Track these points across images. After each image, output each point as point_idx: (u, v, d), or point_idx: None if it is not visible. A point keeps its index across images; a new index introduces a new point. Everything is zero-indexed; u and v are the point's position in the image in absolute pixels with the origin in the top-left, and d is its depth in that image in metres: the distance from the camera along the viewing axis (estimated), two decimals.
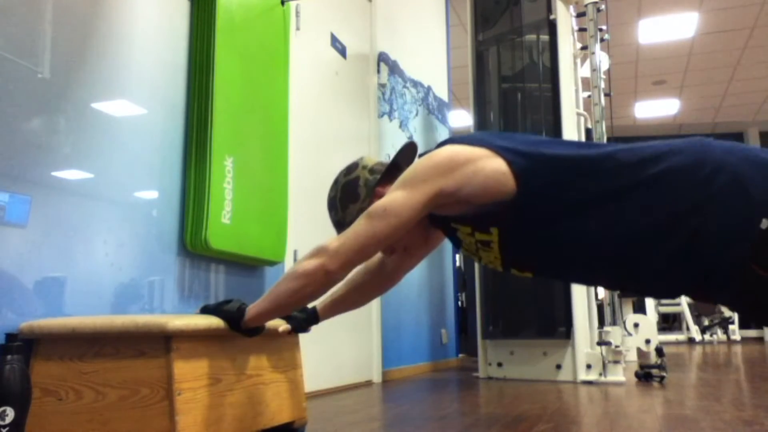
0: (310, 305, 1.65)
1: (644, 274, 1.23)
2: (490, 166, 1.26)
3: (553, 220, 1.25)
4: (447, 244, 5.04)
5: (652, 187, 1.19)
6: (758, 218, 1.12)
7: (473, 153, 1.28)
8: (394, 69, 4.06)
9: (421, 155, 1.37)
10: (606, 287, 1.34)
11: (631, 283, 1.27)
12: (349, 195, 1.45)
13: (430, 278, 4.52)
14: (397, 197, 1.28)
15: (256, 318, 1.40)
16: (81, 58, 1.65)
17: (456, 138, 1.35)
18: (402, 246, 1.47)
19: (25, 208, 1.45)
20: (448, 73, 5.31)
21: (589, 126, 3.87)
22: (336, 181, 1.49)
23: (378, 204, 1.29)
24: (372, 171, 1.45)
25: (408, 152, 1.50)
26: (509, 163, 1.25)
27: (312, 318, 1.66)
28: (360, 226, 1.29)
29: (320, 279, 1.32)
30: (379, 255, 1.60)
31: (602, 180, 1.22)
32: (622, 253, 1.22)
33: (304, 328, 1.65)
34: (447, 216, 1.35)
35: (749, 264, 1.13)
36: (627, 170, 1.22)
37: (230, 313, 1.42)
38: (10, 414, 1.21)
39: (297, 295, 1.34)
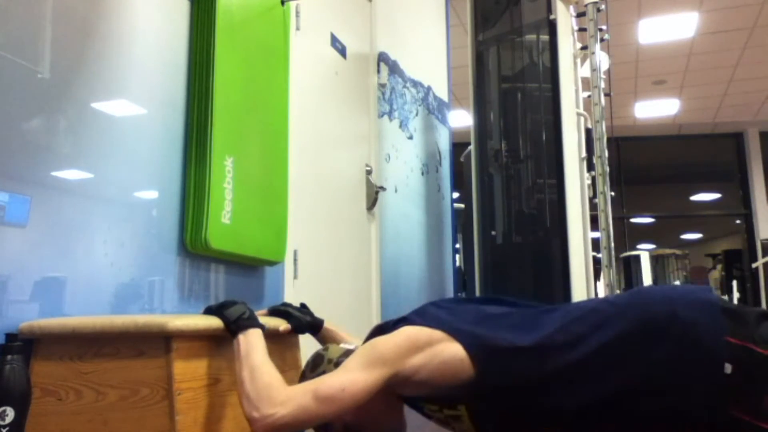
0: (319, 316, 1.66)
1: None
2: (448, 351, 1.27)
3: (517, 399, 1.27)
4: (447, 245, 5.04)
5: (608, 356, 1.21)
6: (720, 364, 1.13)
7: (431, 337, 1.29)
8: (394, 69, 4.06)
9: (379, 327, 1.38)
10: None
11: None
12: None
13: (430, 278, 4.52)
14: (355, 379, 1.24)
15: (236, 351, 1.38)
16: (81, 58, 1.65)
17: (412, 317, 1.35)
18: (374, 429, 1.41)
19: (25, 208, 1.45)
20: (448, 73, 5.31)
21: (589, 126, 3.87)
22: (303, 376, 1.45)
23: (333, 383, 1.25)
24: (337, 365, 1.40)
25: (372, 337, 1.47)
26: (466, 348, 1.26)
27: (314, 326, 1.66)
28: (309, 405, 1.23)
29: (246, 419, 1.28)
30: None
31: (557, 358, 1.24)
32: (594, 420, 1.24)
33: (305, 330, 1.65)
34: (408, 395, 1.35)
35: (730, 412, 1.14)
36: (579, 343, 1.23)
37: (228, 321, 1.42)
38: (10, 414, 1.21)
39: (238, 392, 1.31)
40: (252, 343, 1.38)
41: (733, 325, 1.16)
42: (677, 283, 8.33)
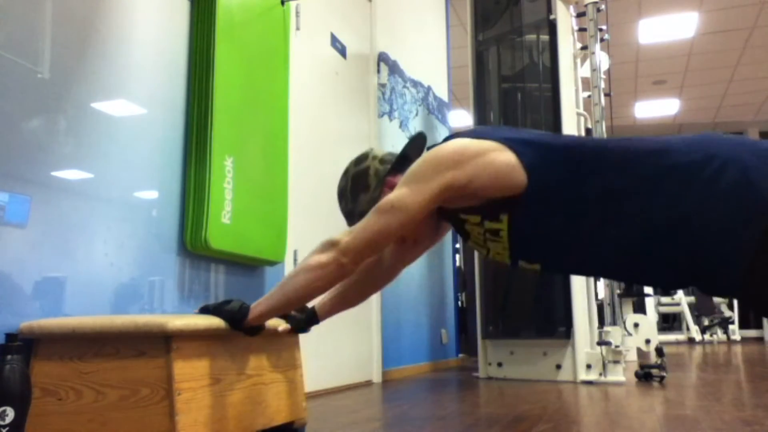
0: (309, 305, 1.65)
1: (654, 267, 1.22)
2: (500, 158, 1.25)
3: (564, 213, 1.25)
4: (446, 245, 5.04)
5: (661, 181, 1.19)
6: (764, 213, 1.11)
7: (482, 146, 1.28)
8: (394, 69, 4.06)
9: (429, 148, 1.37)
10: (615, 280, 1.34)
11: (641, 276, 1.26)
12: (360, 185, 1.45)
13: (430, 278, 4.52)
14: (404, 192, 1.27)
15: (263, 314, 1.39)
16: (81, 58, 1.65)
17: (463, 132, 1.34)
18: (413, 237, 1.46)
19: (25, 208, 1.45)
20: (448, 73, 5.31)
21: (589, 126, 3.87)
22: (346, 171, 1.50)
23: (386, 199, 1.28)
24: (382, 161, 1.46)
25: (418, 143, 1.50)
26: (519, 155, 1.25)
27: (311, 318, 1.65)
28: (369, 222, 1.29)
29: (332, 273, 1.32)
30: None
31: (611, 174, 1.21)
32: (633, 247, 1.21)
33: (304, 328, 1.65)
34: (455, 208, 1.34)
35: (753, 264, 1.13)
36: (635, 164, 1.21)
37: (232, 312, 1.42)
38: (10, 414, 1.21)
39: (307, 289, 1.33)
40: (259, 300, 1.40)
41: None
42: None
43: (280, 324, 1.59)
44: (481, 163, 1.26)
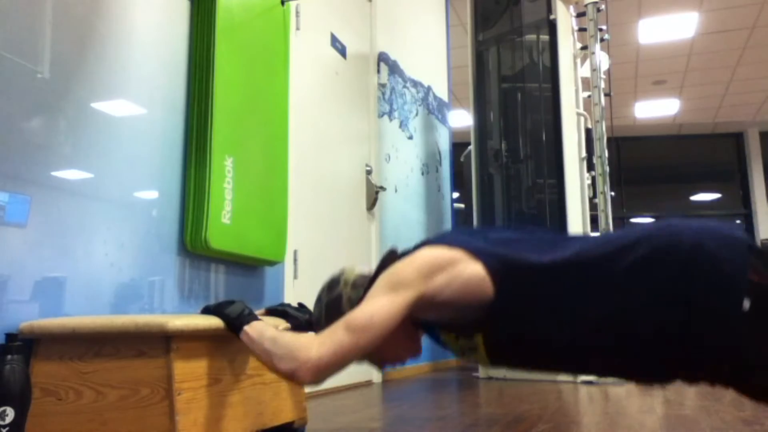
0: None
1: (639, 364, 1.22)
2: (469, 270, 1.26)
3: (536, 321, 1.25)
4: None
5: (630, 278, 1.19)
6: (738, 299, 1.12)
7: (453, 256, 1.28)
8: (394, 69, 4.06)
9: (400, 256, 1.36)
10: (601, 376, 1.33)
11: (627, 372, 1.27)
12: (333, 314, 1.41)
13: None
14: (382, 305, 1.25)
15: (249, 340, 1.38)
16: (81, 58, 1.65)
17: (433, 239, 1.34)
18: (393, 356, 1.42)
19: (24, 208, 1.45)
20: (448, 73, 5.31)
21: (589, 126, 3.87)
22: (319, 300, 1.46)
23: (362, 313, 1.24)
24: (354, 286, 1.42)
25: (389, 262, 1.47)
26: (487, 267, 1.25)
27: (312, 324, 1.66)
28: (343, 338, 1.23)
29: (291, 378, 1.27)
30: None
31: (579, 278, 1.22)
32: (611, 345, 1.22)
33: (304, 328, 1.65)
34: (429, 320, 1.34)
35: (742, 351, 1.13)
36: (601, 265, 1.21)
37: (230, 318, 1.42)
38: (10, 414, 1.21)
39: (269, 366, 1.31)
40: (260, 328, 1.39)
41: (757, 263, 1.14)
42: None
43: (280, 323, 1.59)
44: (450, 275, 1.26)
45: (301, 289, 2.70)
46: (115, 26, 1.78)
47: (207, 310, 1.47)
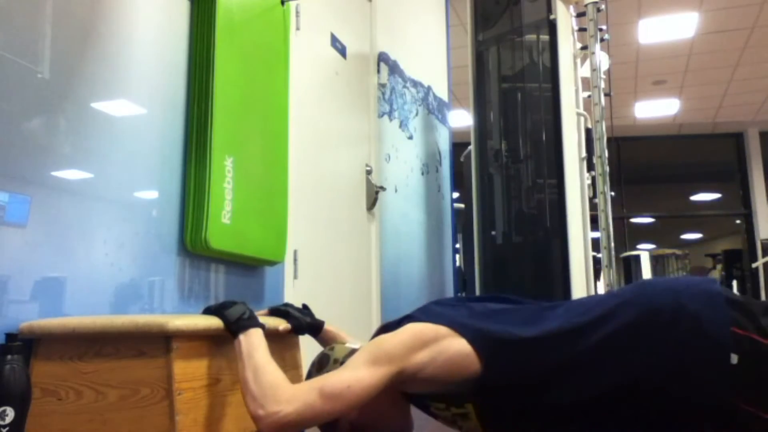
0: (319, 317, 1.66)
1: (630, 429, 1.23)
2: (454, 346, 1.27)
3: (524, 394, 1.26)
4: (447, 245, 5.04)
5: (613, 348, 1.21)
6: (726, 355, 1.13)
7: (437, 333, 1.28)
8: (394, 69, 4.06)
9: (382, 328, 1.36)
10: None
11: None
12: None
13: (430, 278, 4.52)
14: (361, 377, 1.24)
15: (238, 352, 1.38)
16: (81, 58, 1.65)
17: (416, 315, 1.35)
18: (384, 428, 1.42)
19: (25, 208, 1.45)
20: (448, 73, 5.30)
21: (589, 126, 3.87)
22: (309, 375, 1.46)
23: (340, 381, 1.24)
24: (343, 365, 1.39)
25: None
26: (472, 343, 1.26)
27: (315, 327, 1.66)
28: (315, 402, 1.22)
29: (252, 418, 1.27)
30: None
31: (562, 349, 1.23)
32: (601, 413, 1.23)
33: (304, 330, 1.65)
34: (417, 393, 1.35)
35: (735, 403, 1.14)
36: (584, 335, 1.23)
37: (230, 321, 1.42)
38: (10, 414, 1.21)
39: (241, 392, 1.30)
40: (253, 343, 1.38)
41: (738, 315, 1.16)
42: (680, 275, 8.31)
43: (281, 324, 1.59)
44: (433, 351, 1.26)
45: (301, 289, 2.70)
46: (115, 26, 1.78)
47: (208, 311, 1.47)
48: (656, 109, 8.88)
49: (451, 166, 5.20)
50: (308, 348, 2.71)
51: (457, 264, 5.58)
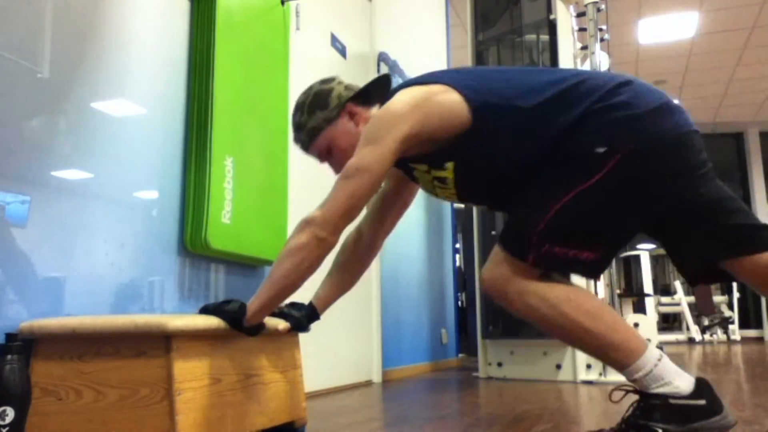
0: (306, 302, 1.65)
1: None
2: (447, 98, 1.35)
3: (505, 150, 1.36)
4: (446, 245, 5.04)
5: (593, 123, 1.33)
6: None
7: (429, 90, 1.36)
8: (394, 69, 4.06)
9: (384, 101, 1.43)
10: None
11: None
12: (320, 102, 1.52)
13: (430, 278, 4.52)
14: (365, 154, 1.33)
15: (259, 311, 1.41)
16: (81, 58, 1.65)
17: (409, 81, 1.43)
18: (393, 191, 1.60)
19: (24, 208, 1.45)
20: None
21: None
22: (310, 87, 1.57)
23: (349, 164, 1.33)
24: (347, 87, 1.54)
25: (382, 83, 1.56)
26: (463, 94, 1.34)
27: (311, 315, 1.66)
28: (338, 190, 1.33)
29: (315, 250, 1.34)
30: (352, 231, 1.66)
31: (547, 118, 1.34)
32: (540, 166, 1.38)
33: (304, 327, 1.65)
34: (405, 157, 1.42)
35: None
36: (570, 109, 1.34)
37: (232, 312, 1.42)
38: (10, 414, 1.21)
39: (296, 272, 1.36)
40: (254, 299, 1.41)
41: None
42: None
43: (280, 323, 1.59)
44: (430, 106, 1.34)
45: (300, 288, 2.69)
46: (115, 26, 1.78)
47: (206, 310, 1.47)
48: None
49: None
50: (308, 348, 2.71)
51: (457, 264, 5.58)
